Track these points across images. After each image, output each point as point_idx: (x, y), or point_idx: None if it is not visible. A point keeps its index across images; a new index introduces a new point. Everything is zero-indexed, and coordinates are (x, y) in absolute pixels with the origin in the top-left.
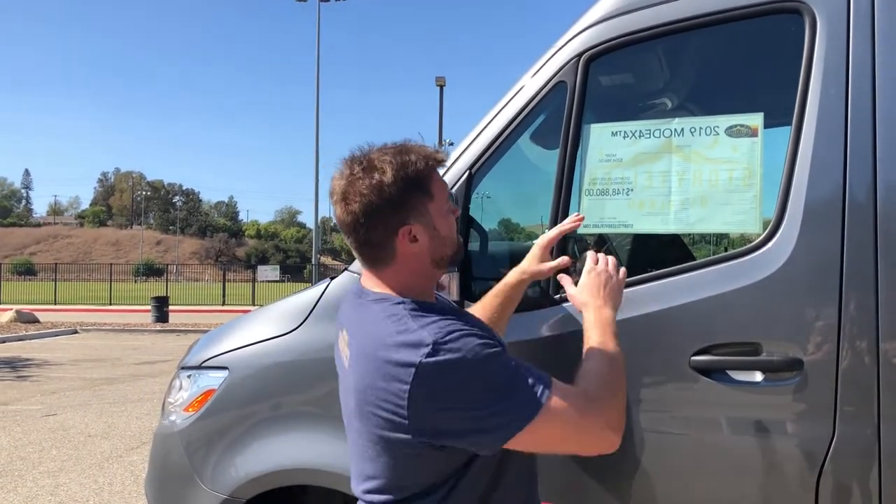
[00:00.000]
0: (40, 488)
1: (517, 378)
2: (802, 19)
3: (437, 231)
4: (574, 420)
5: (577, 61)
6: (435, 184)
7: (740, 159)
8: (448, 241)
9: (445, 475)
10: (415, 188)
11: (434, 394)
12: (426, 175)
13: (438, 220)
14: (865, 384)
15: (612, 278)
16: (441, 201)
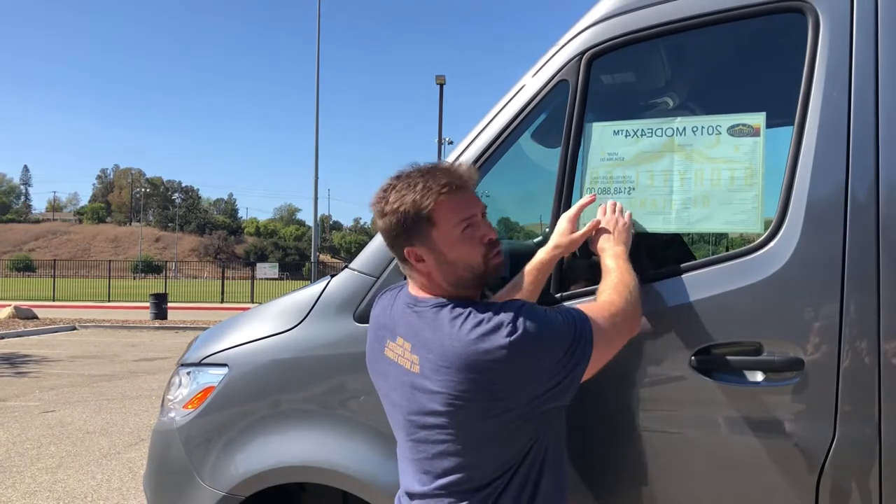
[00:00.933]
0: (38, 485)
1: (566, 318)
2: (805, 19)
3: (442, 255)
4: (612, 322)
5: (579, 60)
6: (440, 212)
7: (742, 159)
8: (460, 264)
9: (521, 454)
10: (413, 218)
11: (528, 361)
12: (427, 206)
13: (444, 246)
14: (866, 384)
15: (619, 222)
16: (448, 227)
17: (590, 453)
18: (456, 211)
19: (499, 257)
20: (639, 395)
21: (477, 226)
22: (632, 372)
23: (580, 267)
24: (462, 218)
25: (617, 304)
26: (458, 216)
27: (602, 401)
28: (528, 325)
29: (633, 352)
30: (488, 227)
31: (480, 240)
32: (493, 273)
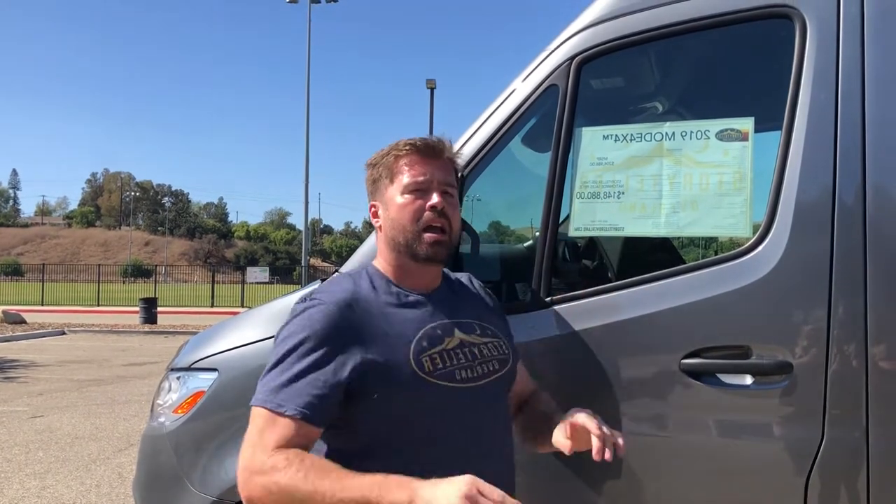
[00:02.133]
0: (26, 490)
1: (291, 370)
2: (793, 24)
3: (388, 212)
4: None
5: (569, 65)
6: (396, 170)
7: (731, 163)
8: (396, 223)
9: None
10: (377, 172)
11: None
12: (389, 162)
13: (391, 202)
14: (854, 387)
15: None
16: (399, 185)
17: (576, 457)
18: (410, 170)
19: (435, 235)
20: (628, 399)
21: (427, 192)
22: (621, 375)
23: (570, 270)
24: (414, 178)
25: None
26: (411, 176)
27: (591, 404)
28: (296, 311)
29: (622, 355)
30: (447, 204)
31: (422, 205)
32: (424, 248)
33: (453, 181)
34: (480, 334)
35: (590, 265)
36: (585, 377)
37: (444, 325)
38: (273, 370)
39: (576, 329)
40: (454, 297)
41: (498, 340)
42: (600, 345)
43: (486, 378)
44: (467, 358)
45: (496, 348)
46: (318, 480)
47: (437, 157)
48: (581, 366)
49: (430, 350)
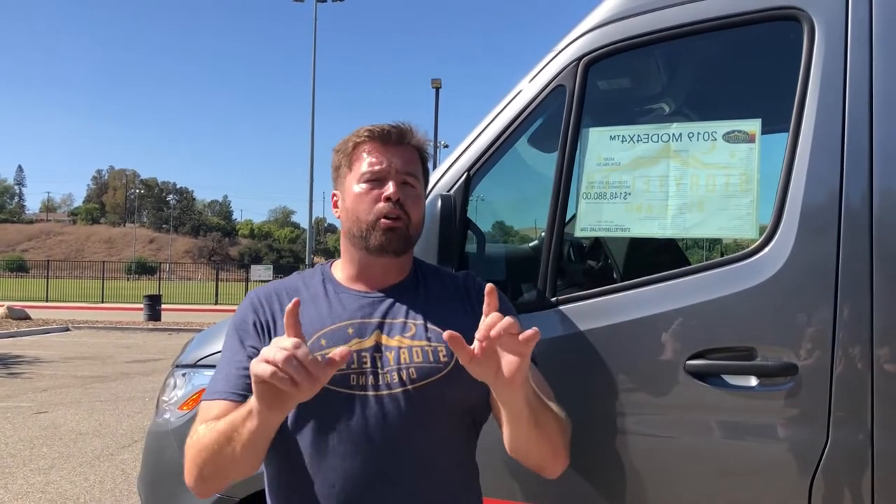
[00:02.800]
0: (31, 486)
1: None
2: (801, 26)
3: (345, 201)
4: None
5: (576, 65)
6: (354, 158)
7: (737, 165)
8: (350, 213)
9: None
10: (340, 159)
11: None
12: (348, 149)
13: (348, 191)
14: (859, 390)
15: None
16: (356, 173)
17: (583, 457)
18: (368, 158)
19: (388, 221)
20: (632, 400)
21: (384, 182)
22: (626, 376)
23: (576, 270)
24: (370, 165)
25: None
26: (368, 164)
27: (595, 405)
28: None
29: (627, 356)
30: (405, 194)
31: (378, 195)
32: (377, 237)
33: (416, 170)
34: (413, 336)
35: (595, 266)
36: (590, 377)
37: (363, 325)
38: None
39: (581, 329)
40: (411, 295)
41: (436, 346)
42: (605, 345)
43: (396, 388)
44: (374, 363)
45: (424, 354)
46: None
47: (398, 143)
48: (586, 366)
49: (324, 349)
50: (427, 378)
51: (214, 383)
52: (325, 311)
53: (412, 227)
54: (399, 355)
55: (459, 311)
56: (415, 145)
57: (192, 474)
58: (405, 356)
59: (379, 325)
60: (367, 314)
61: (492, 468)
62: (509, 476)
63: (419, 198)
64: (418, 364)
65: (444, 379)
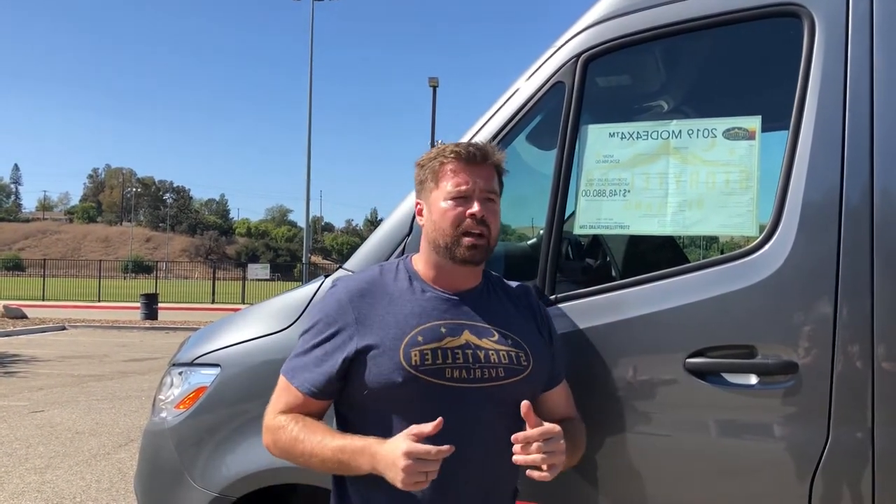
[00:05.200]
0: (27, 485)
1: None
2: (801, 23)
3: (431, 213)
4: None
5: (575, 62)
6: (441, 175)
7: (737, 162)
8: (437, 226)
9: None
10: (427, 174)
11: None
12: (434, 166)
13: (433, 204)
14: (859, 388)
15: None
16: (443, 189)
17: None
18: (454, 176)
19: (473, 239)
20: (632, 398)
21: (469, 200)
22: (625, 374)
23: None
24: (457, 184)
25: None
26: (454, 182)
27: (594, 404)
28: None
29: (626, 354)
30: (487, 210)
31: (463, 212)
32: (462, 251)
33: (495, 187)
34: (497, 340)
35: (594, 263)
36: (589, 375)
37: (454, 325)
38: (299, 343)
39: (580, 327)
40: (485, 301)
41: (517, 352)
42: (605, 343)
43: (485, 382)
44: (466, 359)
45: (509, 357)
46: (307, 438)
47: (481, 163)
48: (585, 364)
49: (423, 345)
50: (511, 378)
51: (303, 368)
52: (417, 308)
53: (492, 239)
54: (489, 356)
55: (531, 324)
56: (494, 163)
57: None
58: (494, 357)
59: (467, 326)
60: (454, 315)
61: None
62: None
63: (498, 213)
64: (505, 365)
65: (524, 380)
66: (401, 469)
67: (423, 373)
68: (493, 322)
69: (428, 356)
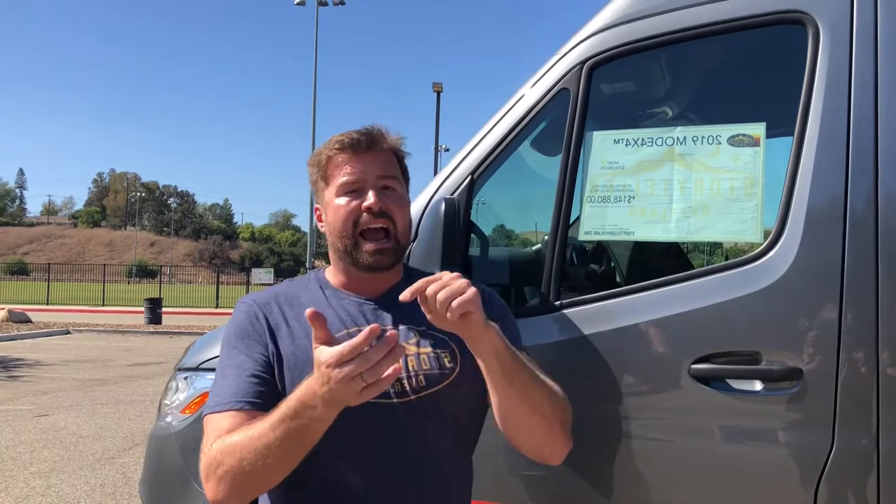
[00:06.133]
0: (31, 489)
1: (219, 372)
2: (805, 30)
3: (328, 215)
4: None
5: (580, 69)
6: (329, 170)
7: (742, 169)
8: (333, 227)
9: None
10: (316, 174)
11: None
12: (322, 162)
13: (328, 205)
14: (865, 394)
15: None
16: (333, 187)
17: (587, 461)
18: (341, 169)
19: (375, 243)
20: (637, 404)
21: (362, 192)
22: (630, 380)
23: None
24: (345, 176)
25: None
26: (342, 175)
27: (599, 409)
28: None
29: (631, 360)
30: (387, 199)
31: (357, 206)
32: (365, 257)
33: (394, 171)
34: (417, 342)
35: (599, 269)
36: (594, 381)
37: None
38: (216, 374)
39: (585, 333)
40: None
41: (440, 352)
42: (609, 349)
43: (408, 396)
44: None
45: (429, 361)
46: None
47: (371, 149)
48: (590, 370)
49: None
50: (436, 385)
51: (220, 394)
52: (331, 317)
53: (399, 232)
54: (407, 363)
55: None
56: (389, 147)
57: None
58: (413, 364)
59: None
60: (371, 320)
61: (492, 472)
62: (511, 479)
63: (402, 199)
64: (426, 371)
65: (451, 384)
66: (336, 384)
67: None
68: (413, 321)
69: None
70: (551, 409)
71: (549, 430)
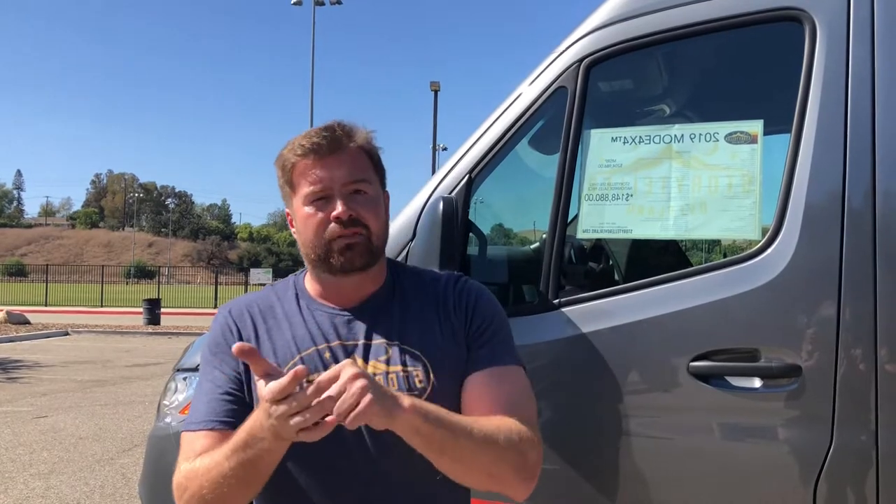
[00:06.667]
0: (31, 490)
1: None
2: (802, 27)
3: (297, 223)
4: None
5: (577, 67)
6: (294, 177)
7: (740, 166)
8: (303, 237)
9: None
10: (282, 179)
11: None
12: (287, 167)
13: (297, 213)
14: (863, 390)
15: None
16: (300, 195)
17: (585, 459)
18: (306, 177)
19: (346, 240)
20: (636, 402)
21: (331, 199)
22: (628, 378)
23: (578, 272)
24: (311, 186)
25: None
26: (307, 183)
27: (597, 407)
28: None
29: (630, 358)
30: (356, 204)
31: (325, 217)
32: (336, 258)
33: (364, 174)
34: (388, 360)
35: (597, 267)
36: (593, 379)
37: (341, 347)
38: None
39: (584, 331)
40: (385, 308)
41: (412, 370)
42: (608, 347)
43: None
44: None
45: (399, 381)
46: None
47: (335, 152)
48: (589, 368)
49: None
50: None
51: (195, 413)
52: (300, 331)
53: (374, 236)
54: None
55: (435, 325)
56: (356, 145)
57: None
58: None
59: (355, 348)
60: (343, 335)
61: None
62: None
63: (374, 202)
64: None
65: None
66: (275, 420)
67: None
68: (389, 335)
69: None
70: (498, 466)
71: (498, 483)
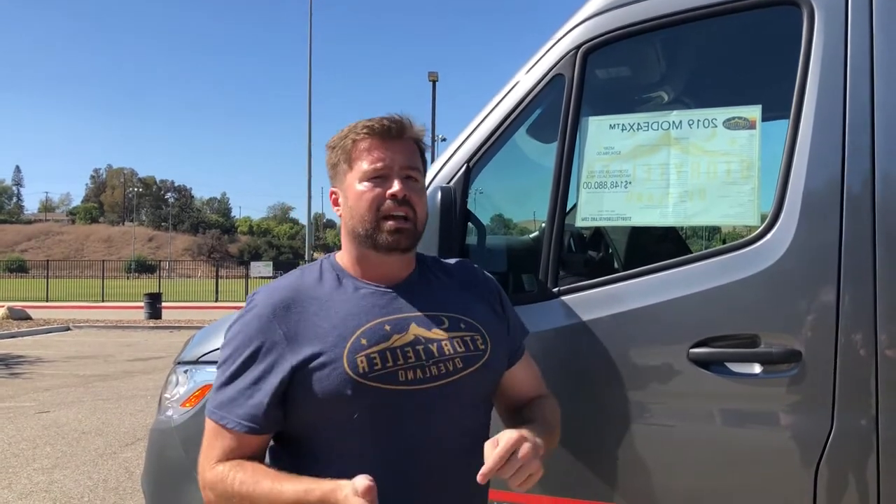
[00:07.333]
0: (34, 485)
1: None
2: (800, 12)
3: (347, 200)
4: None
5: (574, 54)
6: (354, 155)
7: (738, 152)
8: (355, 212)
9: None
10: (339, 156)
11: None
12: (347, 146)
13: (349, 189)
14: (863, 375)
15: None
16: (357, 171)
17: (586, 446)
18: (369, 154)
19: (396, 222)
20: (636, 389)
21: (388, 179)
22: (628, 366)
23: (577, 260)
24: (373, 162)
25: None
26: (370, 160)
27: (598, 394)
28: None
29: (630, 345)
30: (409, 189)
31: (382, 193)
32: (385, 237)
33: (417, 164)
34: (447, 328)
35: (596, 255)
36: (593, 367)
37: (397, 320)
38: (218, 376)
39: (583, 319)
40: (425, 287)
41: (472, 335)
42: (608, 335)
43: (444, 378)
44: (419, 356)
45: (464, 344)
46: (255, 489)
47: (398, 138)
48: (589, 356)
49: (367, 349)
50: (472, 366)
51: (232, 404)
52: (354, 308)
53: (419, 222)
54: (442, 348)
55: (480, 300)
56: (413, 137)
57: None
58: (448, 348)
59: (412, 319)
60: (396, 309)
61: None
62: None
63: (423, 191)
64: (462, 354)
65: (484, 365)
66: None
67: (373, 380)
68: (439, 308)
69: (376, 360)
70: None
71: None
